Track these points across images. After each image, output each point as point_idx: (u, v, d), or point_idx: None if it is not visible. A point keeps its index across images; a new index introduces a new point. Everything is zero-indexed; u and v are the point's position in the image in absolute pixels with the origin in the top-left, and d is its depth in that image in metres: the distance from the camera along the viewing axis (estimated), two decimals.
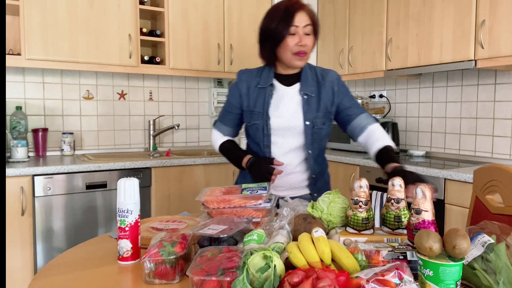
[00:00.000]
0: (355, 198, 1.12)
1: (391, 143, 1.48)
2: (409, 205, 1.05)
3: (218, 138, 1.69)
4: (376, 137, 1.50)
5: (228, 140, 1.68)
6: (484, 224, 1.04)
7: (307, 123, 1.52)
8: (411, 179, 1.18)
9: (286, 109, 1.54)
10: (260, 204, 1.22)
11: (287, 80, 1.57)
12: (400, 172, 1.23)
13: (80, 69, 2.64)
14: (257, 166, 1.51)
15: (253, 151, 1.64)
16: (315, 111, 1.53)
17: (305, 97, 1.53)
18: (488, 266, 0.89)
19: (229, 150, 1.65)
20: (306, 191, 1.65)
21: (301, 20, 1.44)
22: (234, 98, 1.61)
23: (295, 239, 1.04)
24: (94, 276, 1.01)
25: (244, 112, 1.60)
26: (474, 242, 0.97)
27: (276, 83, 1.57)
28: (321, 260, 0.92)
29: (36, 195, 2.28)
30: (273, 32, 1.47)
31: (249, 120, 1.59)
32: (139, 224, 1.11)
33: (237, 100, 1.60)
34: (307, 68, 1.58)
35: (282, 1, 1.49)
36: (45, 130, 2.75)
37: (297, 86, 1.56)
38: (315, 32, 1.50)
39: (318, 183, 1.64)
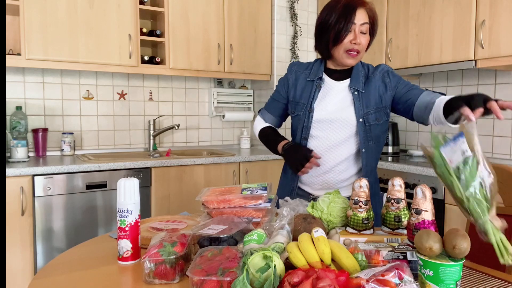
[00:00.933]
0: (355, 198, 1.12)
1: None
2: (409, 205, 1.05)
3: (260, 124, 1.69)
4: (443, 101, 1.26)
5: (269, 126, 1.68)
6: None
7: (360, 120, 1.46)
8: (478, 100, 1.04)
9: (332, 103, 1.49)
10: (260, 204, 1.22)
11: (337, 75, 1.52)
12: (461, 99, 1.08)
13: (80, 69, 2.64)
14: (294, 151, 1.48)
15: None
16: (366, 107, 1.46)
17: (356, 93, 1.47)
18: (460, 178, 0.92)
19: (268, 134, 1.64)
20: (348, 193, 1.51)
21: (359, 17, 1.39)
22: (282, 87, 1.61)
23: (295, 239, 1.04)
24: (94, 276, 1.01)
25: (289, 102, 1.59)
26: (456, 143, 0.97)
27: (325, 77, 1.53)
28: (321, 260, 0.92)
29: (36, 195, 2.28)
30: (330, 26, 1.41)
31: (293, 110, 1.57)
32: (139, 224, 1.11)
33: (285, 89, 1.60)
34: (359, 65, 1.52)
35: None
36: (45, 130, 2.75)
37: (347, 81, 1.51)
38: (372, 32, 1.46)
39: (373, 186, 1.49)
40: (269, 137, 1.64)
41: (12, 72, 2.72)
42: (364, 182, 1.13)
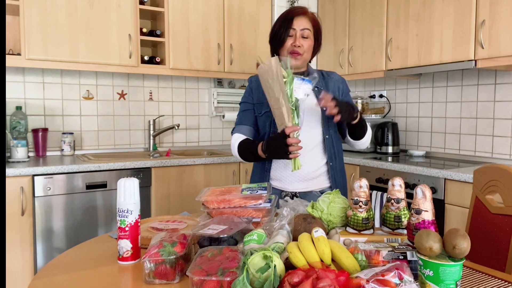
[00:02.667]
0: (355, 198, 1.12)
1: (366, 130, 1.63)
2: (409, 205, 1.06)
3: (237, 139, 1.64)
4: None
5: (246, 138, 1.64)
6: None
7: (324, 108, 1.56)
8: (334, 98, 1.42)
9: (297, 97, 1.58)
10: (260, 204, 1.22)
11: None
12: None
13: (80, 69, 2.64)
14: (272, 144, 1.46)
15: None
16: None
17: (316, 89, 1.63)
18: None
19: (245, 143, 1.61)
20: (324, 184, 1.65)
21: (299, 24, 1.59)
22: (247, 96, 1.72)
23: (295, 239, 1.04)
24: (94, 276, 1.01)
25: (255, 105, 1.69)
26: (305, 84, 1.43)
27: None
28: (321, 260, 0.92)
29: (36, 195, 2.28)
30: (276, 33, 1.62)
31: (259, 111, 1.67)
32: (139, 224, 1.11)
33: (250, 97, 1.71)
34: (311, 68, 1.72)
35: (289, 7, 1.66)
36: (45, 130, 2.75)
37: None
38: (316, 37, 1.65)
39: (337, 177, 1.67)
40: (247, 147, 1.60)
41: (12, 72, 2.72)
42: (364, 182, 1.13)
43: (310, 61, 1.71)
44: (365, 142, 1.69)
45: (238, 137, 1.65)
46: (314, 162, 1.62)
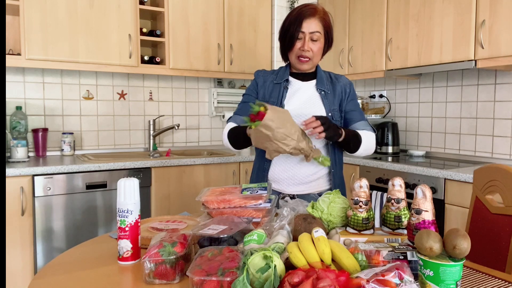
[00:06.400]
0: (355, 198, 1.12)
1: (365, 136, 1.57)
2: (409, 205, 1.06)
3: (229, 127, 1.61)
4: (360, 131, 1.61)
5: (237, 126, 1.59)
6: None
7: (329, 114, 1.58)
8: (320, 117, 1.40)
9: (302, 99, 1.59)
10: (260, 204, 1.22)
11: (302, 77, 1.64)
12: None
13: (80, 69, 2.64)
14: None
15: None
16: (333, 104, 1.60)
17: (322, 93, 1.61)
18: None
19: (236, 128, 1.58)
20: (322, 187, 1.61)
21: (309, 26, 1.51)
22: (252, 89, 1.67)
23: (295, 239, 1.04)
24: (94, 276, 1.01)
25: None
26: None
27: (291, 78, 1.64)
28: (321, 260, 0.92)
29: (36, 195, 2.28)
30: (284, 33, 1.56)
31: None
32: (139, 224, 1.11)
33: (255, 90, 1.66)
34: (321, 69, 1.67)
35: (300, 4, 1.56)
36: (45, 130, 2.75)
37: (313, 82, 1.63)
38: (327, 37, 1.57)
39: (337, 178, 1.64)
40: (236, 131, 1.57)
41: (12, 72, 2.72)
42: (364, 182, 1.13)
43: (321, 58, 1.63)
44: (362, 152, 1.60)
45: (231, 125, 1.62)
46: (313, 167, 1.58)
